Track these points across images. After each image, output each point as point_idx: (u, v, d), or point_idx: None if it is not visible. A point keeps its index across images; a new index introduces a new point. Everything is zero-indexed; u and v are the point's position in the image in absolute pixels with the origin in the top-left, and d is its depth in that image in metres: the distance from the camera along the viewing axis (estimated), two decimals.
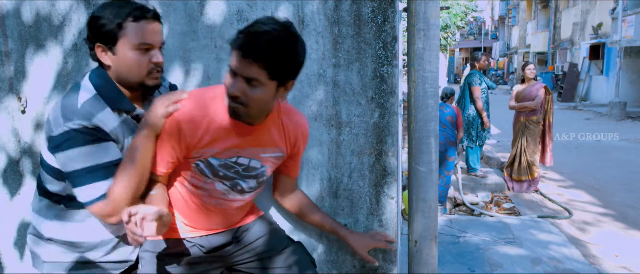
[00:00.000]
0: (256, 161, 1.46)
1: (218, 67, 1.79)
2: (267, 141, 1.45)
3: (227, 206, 1.53)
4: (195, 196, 1.48)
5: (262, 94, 1.27)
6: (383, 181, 1.79)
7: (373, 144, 1.76)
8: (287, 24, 1.26)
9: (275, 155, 1.50)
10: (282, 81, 1.29)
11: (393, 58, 1.69)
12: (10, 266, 2.28)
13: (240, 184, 1.48)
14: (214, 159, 1.41)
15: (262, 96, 1.28)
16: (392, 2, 1.66)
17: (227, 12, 1.75)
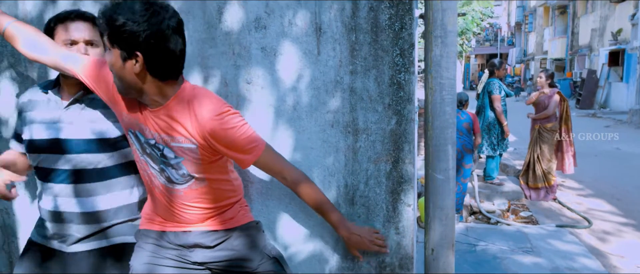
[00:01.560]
0: (169, 150, 1.45)
1: (236, 74, 1.80)
2: (170, 130, 1.42)
3: (169, 197, 1.54)
4: (143, 174, 1.58)
5: (111, 60, 1.35)
6: (400, 189, 1.78)
7: (390, 151, 1.75)
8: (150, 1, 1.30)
9: (185, 146, 1.43)
10: (123, 50, 1.32)
11: (410, 65, 1.69)
12: None
13: (166, 171, 1.49)
14: (139, 134, 1.47)
15: (112, 61, 1.35)
16: (409, 9, 1.66)
17: (245, 19, 1.77)
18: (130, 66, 1.32)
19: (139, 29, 1.27)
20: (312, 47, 1.73)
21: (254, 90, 1.80)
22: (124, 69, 1.34)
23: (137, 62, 1.32)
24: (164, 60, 1.34)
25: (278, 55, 1.76)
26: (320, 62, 1.74)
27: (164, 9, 1.31)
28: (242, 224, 1.62)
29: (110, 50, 1.33)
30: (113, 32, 1.29)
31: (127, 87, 1.38)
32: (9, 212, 2.31)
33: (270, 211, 1.88)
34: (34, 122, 1.64)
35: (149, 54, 1.31)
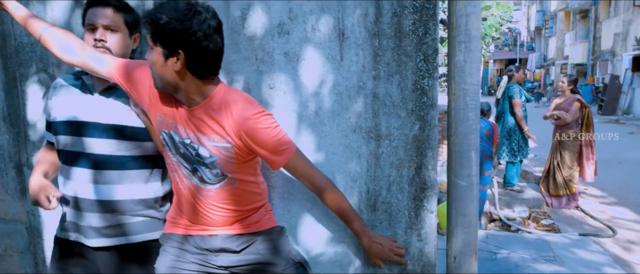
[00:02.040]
0: (204, 149, 1.48)
1: (259, 79, 1.81)
2: (207, 129, 1.46)
3: (199, 198, 1.55)
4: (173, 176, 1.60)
5: (153, 58, 1.39)
6: (422, 195, 1.76)
7: (413, 157, 1.74)
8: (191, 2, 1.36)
9: (220, 145, 1.46)
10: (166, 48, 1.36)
11: (434, 70, 1.68)
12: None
13: (199, 171, 1.51)
14: (174, 134, 1.50)
15: (154, 59, 1.39)
16: (433, 14, 1.65)
17: (268, 25, 1.78)
18: (172, 64, 1.38)
19: (182, 28, 1.33)
20: (335, 53, 1.73)
21: (277, 95, 1.81)
22: (166, 67, 1.39)
23: (179, 60, 1.37)
24: (204, 59, 1.39)
25: (301, 60, 1.77)
26: (343, 68, 1.74)
27: (205, 9, 1.37)
28: (267, 228, 1.63)
29: (153, 49, 1.39)
30: (156, 31, 1.35)
31: (166, 85, 1.43)
32: (35, 213, 2.36)
33: (292, 215, 1.88)
34: (61, 105, 1.69)
35: (190, 53, 1.36)
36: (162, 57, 1.38)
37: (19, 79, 2.23)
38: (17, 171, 2.34)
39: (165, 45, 1.36)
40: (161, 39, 1.36)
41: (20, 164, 2.32)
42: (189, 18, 1.33)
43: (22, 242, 2.43)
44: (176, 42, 1.35)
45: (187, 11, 1.34)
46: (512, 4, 25.23)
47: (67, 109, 1.66)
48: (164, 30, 1.34)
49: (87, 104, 1.65)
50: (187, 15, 1.33)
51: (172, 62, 1.38)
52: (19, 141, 2.30)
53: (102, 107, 1.64)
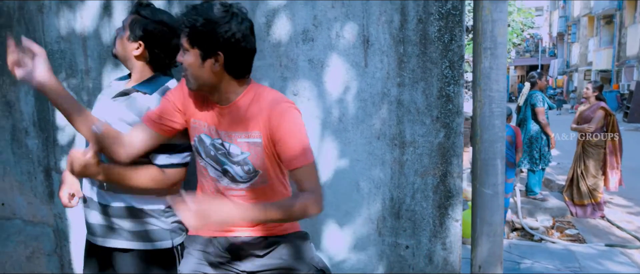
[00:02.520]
0: (235, 147, 1.48)
1: (283, 85, 1.82)
2: (238, 125, 1.46)
3: (226, 198, 1.53)
4: (200, 179, 1.60)
5: (190, 60, 1.38)
6: (447, 203, 1.74)
7: (437, 165, 1.73)
8: (226, 3, 1.37)
9: (251, 141, 1.46)
10: (203, 50, 1.36)
11: (460, 77, 1.66)
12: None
13: (230, 171, 1.50)
14: (205, 136, 1.50)
15: (190, 61, 1.38)
16: (459, 21, 1.64)
17: (293, 32, 1.79)
18: (209, 65, 1.39)
19: (220, 31, 1.34)
20: (360, 59, 1.73)
21: (301, 101, 1.82)
22: (203, 68, 1.40)
23: (217, 62, 1.38)
24: (242, 60, 1.41)
25: (325, 67, 1.77)
26: (367, 74, 1.73)
27: (240, 11, 1.39)
28: (291, 233, 1.63)
29: (189, 51, 1.39)
30: (194, 34, 1.36)
31: (202, 85, 1.44)
32: (62, 217, 2.41)
33: (314, 221, 1.88)
34: (95, 108, 1.72)
35: (229, 54, 1.38)
36: (199, 59, 1.39)
37: None
38: (46, 175, 2.39)
39: (203, 48, 1.37)
40: (199, 42, 1.37)
41: (49, 168, 2.38)
42: (227, 20, 1.35)
43: (49, 244, 2.48)
44: (215, 44, 1.36)
45: (224, 13, 1.35)
46: (534, 9, 24.90)
47: (98, 112, 1.69)
48: (202, 33, 1.35)
49: (104, 109, 1.66)
50: (225, 17, 1.35)
51: (210, 63, 1.39)
52: (48, 145, 2.35)
53: (115, 114, 1.64)
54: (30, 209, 2.50)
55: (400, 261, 1.76)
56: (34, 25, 2.25)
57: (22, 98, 2.36)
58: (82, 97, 2.22)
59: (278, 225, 1.61)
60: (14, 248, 2.58)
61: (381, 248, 1.79)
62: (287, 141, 1.43)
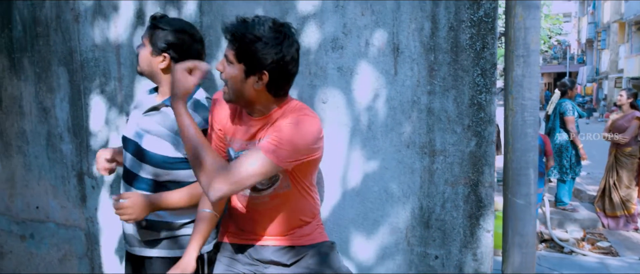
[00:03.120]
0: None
1: (312, 93, 1.83)
2: (262, 133, 1.44)
3: (251, 205, 1.54)
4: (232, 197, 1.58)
5: (233, 73, 1.34)
6: (478, 213, 1.71)
7: (468, 174, 1.70)
8: (278, 22, 1.32)
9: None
10: (249, 67, 1.32)
11: (492, 85, 1.64)
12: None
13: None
14: (231, 150, 1.49)
15: (233, 74, 1.35)
16: (492, 28, 1.61)
17: (322, 40, 1.80)
18: (252, 82, 1.36)
19: (270, 52, 1.30)
20: (389, 67, 1.72)
21: (329, 109, 1.81)
22: (245, 84, 1.37)
23: (261, 81, 1.35)
24: (285, 81, 1.39)
25: (354, 75, 1.77)
26: (397, 82, 1.72)
27: (291, 32, 1.35)
28: (318, 242, 1.62)
29: (233, 64, 1.36)
30: (242, 50, 1.32)
31: (239, 98, 1.42)
32: (93, 221, 2.46)
33: (342, 230, 1.87)
34: (129, 121, 1.74)
35: (273, 75, 1.34)
36: (242, 74, 1.35)
37: (83, 92, 2.35)
38: (79, 179, 2.46)
39: (249, 65, 1.33)
40: (246, 58, 1.33)
41: (82, 173, 2.44)
42: (280, 41, 1.31)
43: (81, 247, 2.54)
44: (262, 64, 1.32)
45: (278, 34, 1.30)
46: (562, 15, 24.38)
47: (129, 126, 1.72)
48: (251, 50, 1.31)
49: (140, 125, 1.68)
50: (278, 38, 1.30)
51: (253, 80, 1.35)
52: (81, 150, 2.42)
53: (150, 130, 1.66)
54: (63, 212, 2.56)
55: (429, 271, 1.74)
56: (70, 34, 2.32)
57: (58, 104, 2.43)
58: (115, 104, 2.27)
59: (305, 235, 1.61)
60: (47, 250, 2.65)
61: (410, 257, 1.76)
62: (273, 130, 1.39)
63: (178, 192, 1.62)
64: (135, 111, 1.75)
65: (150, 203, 1.60)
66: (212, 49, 2.01)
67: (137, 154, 1.66)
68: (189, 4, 2.01)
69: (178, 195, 1.62)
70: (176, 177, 1.65)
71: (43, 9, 2.38)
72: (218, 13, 1.96)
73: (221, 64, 1.39)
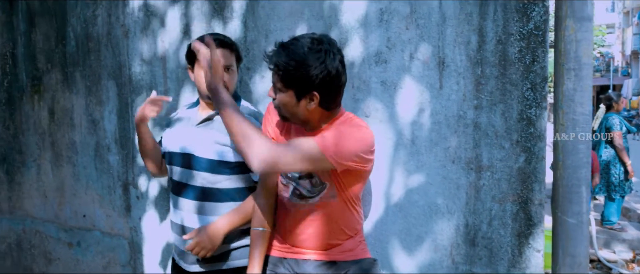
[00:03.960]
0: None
1: (354, 107, 1.82)
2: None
3: (296, 216, 1.54)
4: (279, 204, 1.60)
5: (284, 99, 1.36)
6: (528, 232, 1.65)
7: (517, 191, 1.64)
8: (316, 38, 1.32)
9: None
10: (298, 91, 1.33)
11: (542, 100, 1.59)
12: None
13: (299, 187, 1.50)
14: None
15: (285, 101, 1.36)
16: (542, 41, 1.57)
17: (365, 54, 1.80)
18: (305, 104, 1.37)
19: (315, 72, 1.31)
20: (434, 81, 1.70)
21: (372, 123, 1.80)
22: (298, 107, 1.38)
23: (313, 101, 1.36)
24: (335, 94, 1.40)
25: (398, 89, 1.75)
26: (442, 96, 1.70)
27: (332, 46, 1.35)
28: (361, 258, 1.60)
29: (284, 92, 1.37)
30: (289, 77, 1.33)
31: (295, 118, 1.44)
32: (137, 230, 2.52)
33: (384, 246, 1.84)
34: (172, 136, 1.79)
35: (323, 92, 1.35)
36: (293, 99, 1.37)
37: (130, 105, 2.43)
38: (124, 189, 2.53)
39: (298, 89, 1.35)
40: (293, 84, 1.34)
41: (127, 183, 2.51)
42: (322, 60, 1.31)
43: (124, 256, 2.60)
44: (310, 86, 1.33)
45: (318, 53, 1.31)
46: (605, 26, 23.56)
47: (174, 141, 1.76)
48: (296, 76, 1.32)
49: (188, 136, 1.73)
50: (320, 57, 1.30)
51: (305, 102, 1.37)
52: (127, 161, 2.49)
53: (204, 139, 1.70)
54: (108, 221, 2.64)
55: None
56: (119, 49, 2.41)
57: (106, 117, 2.52)
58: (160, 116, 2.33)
59: (348, 250, 1.59)
60: (93, 258, 2.73)
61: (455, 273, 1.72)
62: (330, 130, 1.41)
63: (234, 212, 1.66)
64: (178, 126, 1.79)
65: (215, 231, 1.65)
66: (256, 64, 2.04)
67: (187, 164, 1.70)
68: (234, 19, 2.06)
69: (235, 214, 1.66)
70: (226, 184, 1.69)
71: (95, 26, 2.48)
72: (262, 28, 1.99)
73: (272, 91, 1.40)
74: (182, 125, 1.78)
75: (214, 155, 1.67)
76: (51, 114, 2.76)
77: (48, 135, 2.79)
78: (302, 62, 1.29)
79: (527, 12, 1.57)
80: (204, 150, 1.69)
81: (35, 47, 2.77)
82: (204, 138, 1.70)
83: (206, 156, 1.68)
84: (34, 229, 2.98)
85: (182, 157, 1.72)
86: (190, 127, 1.74)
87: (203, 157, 1.68)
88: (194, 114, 1.77)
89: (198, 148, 1.70)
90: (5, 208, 3.14)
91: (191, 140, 1.72)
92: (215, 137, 1.69)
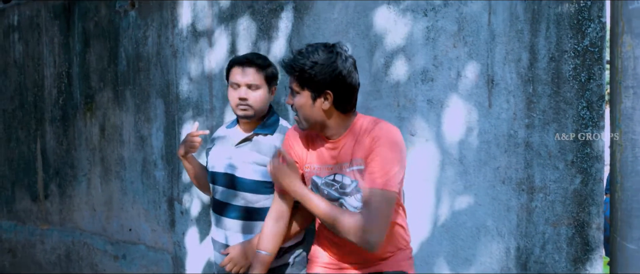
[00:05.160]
0: (347, 178, 1.50)
1: (399, 125, 1.80)
2: (347, 155, 1.50)
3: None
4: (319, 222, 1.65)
5: (301, 101, 1.46)
6: (585, 257, 1.57)
7: (572, 214, 1.57)
8: (329, 44, 1.44)
9: (356, 168, 1.48)
10: (313, 90, 1.43)
11: (599, 119, 1.52)
12: None
13: (344, 205, 1.51)
14: (317, 178, 1.55)
15: (301, 102, 1.46)
16: (599, 58, 1.51)
17: (411, 72, 1.78)
18: (320, 104, 1.46)
19: (328, 71, 1.41)
20: (483, 100, 1.67)
21: (418, 142, 1.78)
22: (314, 108, 1.47)
23: (327, 100, 1.45)
24: (349, 95, 1.47)
25: (445, 107, 1.73)
26: (492, 115, 1.66)
27: (342, 49, 1.46)
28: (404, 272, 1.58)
29: (300, 93, 1.47)
30: (303, 77, 1.44)
31: (314, 124, 1.51)
32: (180, 245, 2.56)
33: (430, 267, 1.79)
34: (214, 155, 1.83)
35: (337, 91, 1.44)
36: (310, 100, 1.46)
37: (177, 122, 2.49)
38: (169, 205, 2.58)
39: (313, 89, 1.44)
40: (309, 84, 1.44)
41: (172, 199, 2.56)
42: (333, 60, 1.41)
43: (168, 270, 2.65)
44: (324, 84, 1.43)
45: (330, 54, 1.42)
46: None
47: (218, 163, 1.79)
48: (311, 76, 1.42)
49: (229, 156, 1.76)
50: (331, 57, 1.42)
51: (320, 102, 1.46)
52: (172, 177, 2.55)
53: (245, 159, 1.73)
54: (153, 235, 2.70)
55: None
56: (168, 68, 2.49)
57: (154, 134, 2.60)
58: None
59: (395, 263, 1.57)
60: (137, 271, 2.79)
61: None
62: (373, 160, 1.43)
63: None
64: (219, 146, 1.83)
65: (249, 248, 1.68)
66: None
67: (229, 184, 1.73)
68: (279, 39, 2.10)
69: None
70: (266, 203, 1.71)
71: (145, 46, 2.58)
72: None
73: (289, 97, 1.51)
74: (223, 144, 1.83)
75: (254, 175, 1.71)
76: (102, 130, 2.87)
77: (98, 150, 2.90)
78: (316, 62, 1.41)
79: (582, 28, 1.53)
80: (244, 171, 1.72)
81: (89, 66, 2.91)
82: (244, 159, 1.73)
83: (246, 177, 1.71)
84: (82, 241, 3.09)
85: (224, 177, 1.76)
86: (230, 147, 1.78)
87: (244, 177, 1.71)
88: (233, 133, 1.81)
89: (238, 169, 1.73)
90: (56, 220, 3.27)
91: (232, 160, 1.75)
92: (254, 157, 1.72)
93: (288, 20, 2.06)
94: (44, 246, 3.37)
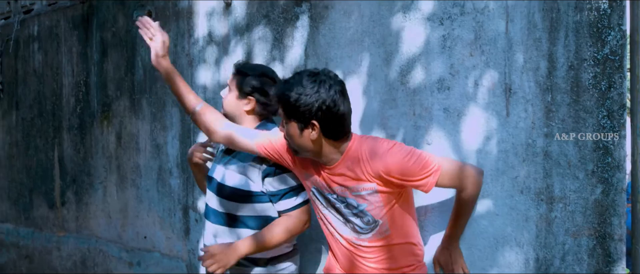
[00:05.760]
0: (352, 199, 1.50)
1: (415, 134, 1.80)
2: (349, 181, 1.49)
3: (353, 249, 1.56)
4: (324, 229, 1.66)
5: (290, 131, 1.47)
6: (606, 269, 1.54)
7: (593, 225, 1.54)
8: (314, 71, 1.45)
9: (364, 193, 1.48)
10: (300, 121, 1.43)
11: (621, 128, 1.50)
12: None
13: (352, 222, 1.52)
14: (323, 192, 1.56)
15: (291, 132, 1.47)
16: (619, 66, 1.49)
17: (427, 81, 1.78)
18: (308, 134, 1.45)
19: (311, 101, 1.40)
20: (500, 108, 1.65)
21: (435, 151, 1.76)
22: (302, 138, 1.47)
23: (314, 130, 1.44)
24: (336, 123, 1.46)
25: (461, 116, 1.72)
26: (509, 124, 1.64)
27: (328, 77, 1.44)
28: None
29: (288, 123, 1.47)
30: (288, 108, 1.44)
31: (306, 152, 1.51)
32: (194, 253, 2.57)
33: None
34: (213, 161, 1.91)
35: (323, 121, 1.42)
36: (297, 130, 1.45)
37: (192, 131, 2.51)
38: (184, 213, 2.60)
39: (299, 119, 1.44)
40: (294, 115, 1.44)
41: (187, 207, 2.58)
42: (316, 90, 1.40)
43: None
44: (309, 115, 1.41)
45: (312, 83, 1.41)
46: None
47: (212, 166, 1.88)
48: (295, 107, 1.41)
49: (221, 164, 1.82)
50: (314, 87, 1.40)
51: (308, 132, 1.45)
52: (187, 185, 2.56)
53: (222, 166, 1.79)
54: (167, 243, 2.71)
55: None
56: (184, 77, 2.50)
57: (169, 142, 2.62)
58: None
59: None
60: None
61: None
62: (411, 173, 1.44)
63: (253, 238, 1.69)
64: (218, 152, 1.92)
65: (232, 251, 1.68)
66: None
67: (217, 190, 1.77)
68: (294, 47, 2.11)
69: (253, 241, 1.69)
70: (251, 211, 1.73)
71: None
72: (322, 56, 2.02)
73: (281, 126, 1.52)
74: (219, 151, 1.90)
75: (234, 183, 1.73)
76: (118, 138, 2.91)
77: (115, 158, 2.94)
78: (299, 93, 1.40)
79: (602, 36, 1.51)
80: (225, 177, 1.76)
81: (107, 75, 2.95)
82: (228, 166, 1.77)
83: (227, 183, 1.74)
84: (97, 248, 3.11)
85: (212, 182, 1.81)
86: (219, 153, 1.87)
87: (225, 184, 1.75)
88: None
89: (221, 174, 1.78)
90: (72, 227, 3.31)
91: (218, 166, 1.81)
92: (235, 166, 1.75)
93: (303, 29, 2.07)
94: (60, 253, 3.40)
